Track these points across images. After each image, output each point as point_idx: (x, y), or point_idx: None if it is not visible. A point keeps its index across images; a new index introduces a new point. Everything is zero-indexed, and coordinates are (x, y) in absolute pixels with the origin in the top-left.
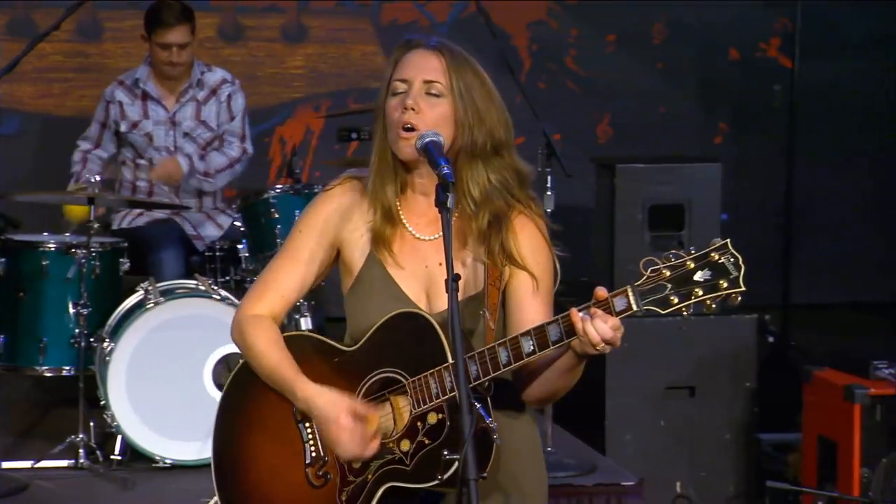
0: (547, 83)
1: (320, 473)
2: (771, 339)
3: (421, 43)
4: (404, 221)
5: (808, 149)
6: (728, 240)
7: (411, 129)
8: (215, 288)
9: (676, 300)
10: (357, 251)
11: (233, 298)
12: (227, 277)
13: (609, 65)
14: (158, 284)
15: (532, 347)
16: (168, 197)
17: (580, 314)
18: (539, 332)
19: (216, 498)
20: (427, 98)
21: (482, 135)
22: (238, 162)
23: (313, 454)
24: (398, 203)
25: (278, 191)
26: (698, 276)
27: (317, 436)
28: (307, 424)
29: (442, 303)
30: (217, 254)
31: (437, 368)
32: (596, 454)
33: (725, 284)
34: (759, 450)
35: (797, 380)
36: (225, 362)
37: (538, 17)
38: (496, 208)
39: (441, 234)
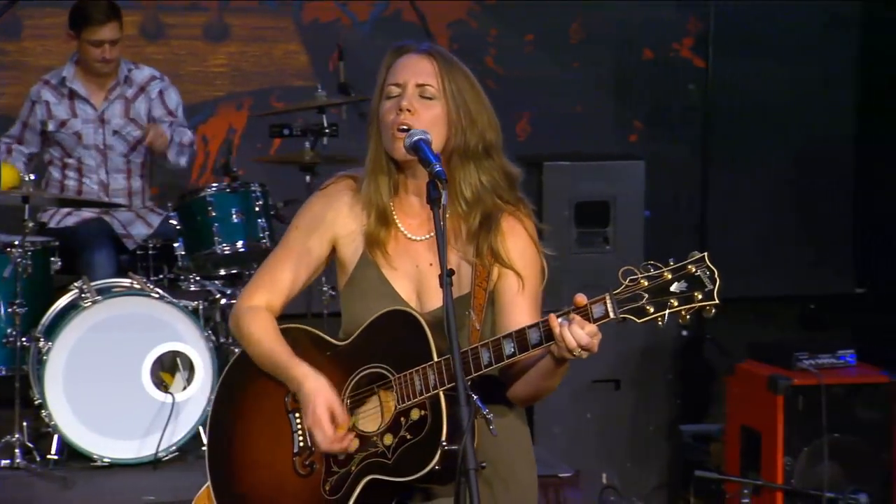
0: None
1: (307, 463)
2: (685, 333)
3: (412, 48)
4: (397, 222)
5: (722, 147)
6: (705, 254)
7: (406, 130)
8: (150, 286)
9: (652, 309)
10: (351, 250)
11: (170, 297)
12: (160, 276)
13: (528, 64)
14: (93, 283)
15: (513, 350)
16: (97, 195)
17: (559, 320)
18: (520, 335)
19: (209, 483)
20: (421, 100)
21: (474, 136)
22: (193, 144)
23: (301, 444)
24: (392, 204)
25: (215, 189)
26: (674, 288)
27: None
28: (297, 415)
29: (433, 302)
30: (149, 252)
31: (421, 366)
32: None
33: (700, 296)
34: (680, 441)
35: (712, 373)
36: (160, 361)
37: (458, 17)
38: (487, 209)
39: (432, 234)
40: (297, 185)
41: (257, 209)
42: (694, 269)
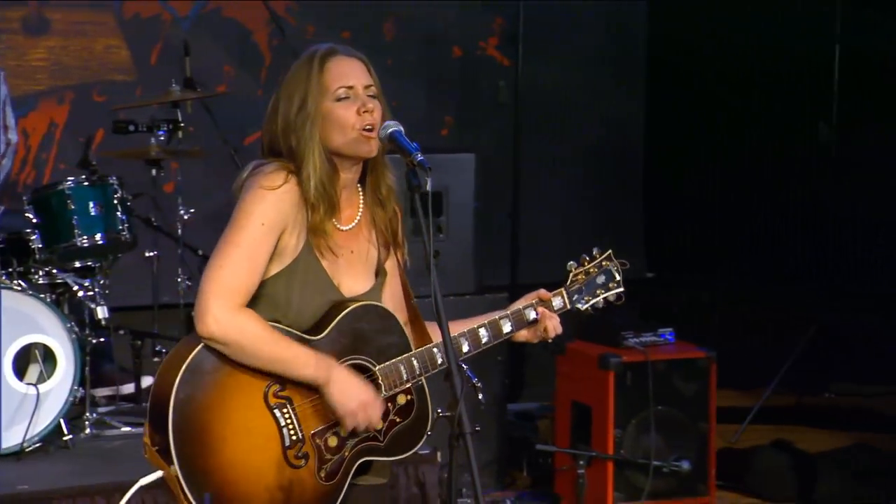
0: None
1: (299, 454)
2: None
3: (339, 50)
4: (332, 217)
5: (531, 141)
6: (610, 251)
7: (371, 130)
8: (8, 280)
9: (588, 298)
10: (294, 240)
11: (32, 290)
12: (10, 269)
13: None
14: None
15: (488, 338)
16: None
17: (526, 311)
18: (493, 325)
19: (182, 483)
20: (372, 100)
21: None
22: (3, 157)
23: (292, 437)
24: None
25: (73, 182)
26: (598, 280)
27: (295, 420)
28: (284, 410)
29: (357, 287)
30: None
31: (405, 356)
32: None
33: (613, 286)
34: (506, 419)
35: (521, 354)
36: (25, 353)
37: (278, 14)
38: (394, 202)
39: (355, 223)
40: (141, 179)
41: (115, 202)
42: (607, 264)
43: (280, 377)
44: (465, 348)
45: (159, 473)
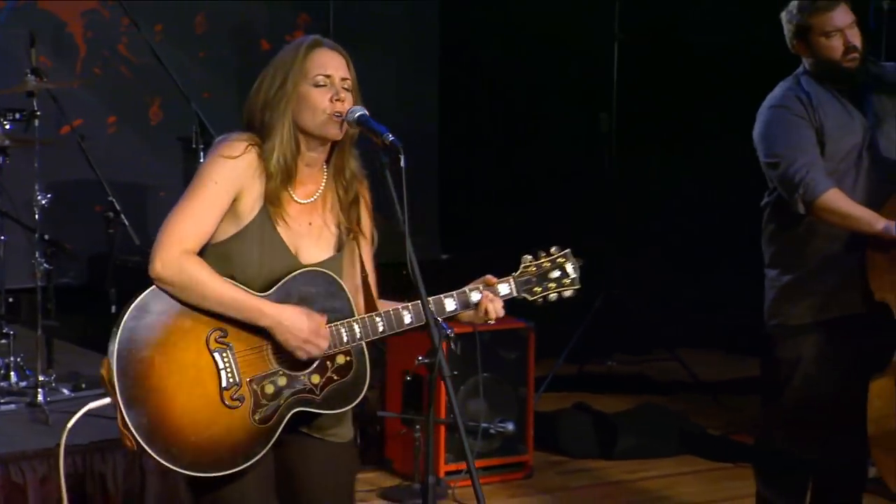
0: (102, 69)
1: (235, 396)
2: None
3: (323, 42)
4: (289, 188)
5: None
6: (569, 249)
7: (340, 116)
8: None
9: (539, 290)
10: (249, 205)
11: None
12: None
13: (158, 53)
14: None
15: (411, 319)
16: None
17: (472, 295)
18: (438, 303)
19: (129, 424)
20: (346, 92)
21: None
22: None
23: (230, 379)
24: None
25: None
26: (552, 275)
27: (233, 364)
28: (224, 354)
29: (310, 256)
30: None
31: (347, 320)
32: None
33: (567, 282)
34: None
35: None
36: None
37: (91, 7)
38: (357, 185)
39: (315, 198)
40: None
41: None
42: (563, 261)
43: (224, 327)
44: (407, 320)
45: (107, 399)
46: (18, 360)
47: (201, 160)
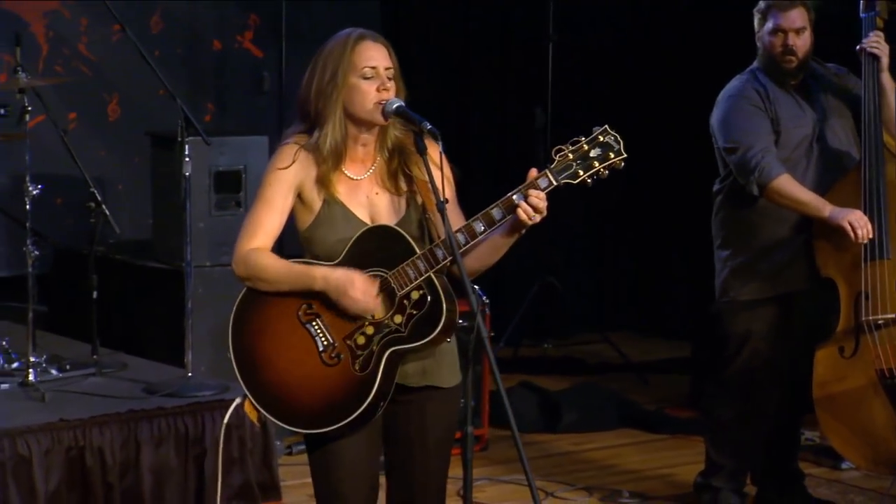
0: (63, 67)
1: (333, 355)
2: None
3: (369, 35)
4: (343, 168)
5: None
6: (606, 125)
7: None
8: None
9: (582, 172)
10: (314, 194)
11: None
12: None
13: (116, 52)
14: None
15: (482, 227)
16: None
17: (514, 197)
18: (486, 215)
19: (248, 395)
20: (390, 81)
21: None
22: None
23: (325, 343)
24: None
25: None
26: (593, 153)
27: (325, 329)
28: (314, 323)
29: (387, 219)
30: None
31: (410, 259)
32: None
33: (612, 155)
34: None
35: None
36: None
37: (53, 7)
38: (403, 152)
39: (370, 173)
40: None
41: None
42: (603, 138)
43: (308, 301)
44: (479, 228)
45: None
46: (4, 343)
47: (186, 152)
